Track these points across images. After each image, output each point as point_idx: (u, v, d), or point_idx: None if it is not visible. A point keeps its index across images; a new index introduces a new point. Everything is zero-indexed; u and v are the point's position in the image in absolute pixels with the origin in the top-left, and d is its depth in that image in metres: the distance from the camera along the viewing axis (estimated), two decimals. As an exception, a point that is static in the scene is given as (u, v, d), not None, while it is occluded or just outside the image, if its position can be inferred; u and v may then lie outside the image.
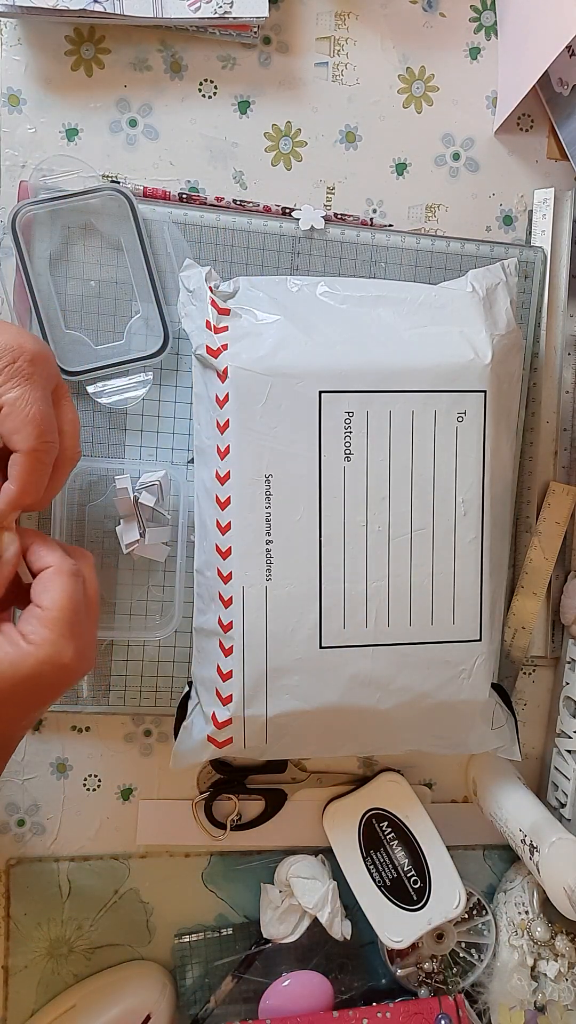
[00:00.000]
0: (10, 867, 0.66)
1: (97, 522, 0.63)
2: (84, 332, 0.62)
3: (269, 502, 0.57)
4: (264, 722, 0.58)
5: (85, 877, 0.66)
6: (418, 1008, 0.61)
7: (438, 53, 0.68)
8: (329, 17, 0.66)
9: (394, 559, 0.58)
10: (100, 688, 0.65)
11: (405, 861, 0.65)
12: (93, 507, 0.63)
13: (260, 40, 0.65)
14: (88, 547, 0.63)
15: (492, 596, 0.60)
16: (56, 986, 0.66)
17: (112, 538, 0.63)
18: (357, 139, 0.67)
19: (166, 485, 0.62)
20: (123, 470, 0.62)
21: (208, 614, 0.59)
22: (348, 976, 0.66)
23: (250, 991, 0.65)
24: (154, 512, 0.62)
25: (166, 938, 0.67)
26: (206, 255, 0.64)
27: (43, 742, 0.66)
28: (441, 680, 0.59)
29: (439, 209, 0.69)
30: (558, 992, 0.65)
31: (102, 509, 0.63)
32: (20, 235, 0.60)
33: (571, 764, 0.68)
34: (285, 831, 0.68)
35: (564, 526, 0.68)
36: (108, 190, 0.61)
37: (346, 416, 0.57)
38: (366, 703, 0.59)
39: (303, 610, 0.57)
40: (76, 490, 0.63)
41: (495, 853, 0.72)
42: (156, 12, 0.61)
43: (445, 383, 0.58)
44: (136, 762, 0.67)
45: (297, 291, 0.60)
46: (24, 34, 0.63)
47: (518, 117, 0.69)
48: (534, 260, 0.68)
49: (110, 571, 0.64)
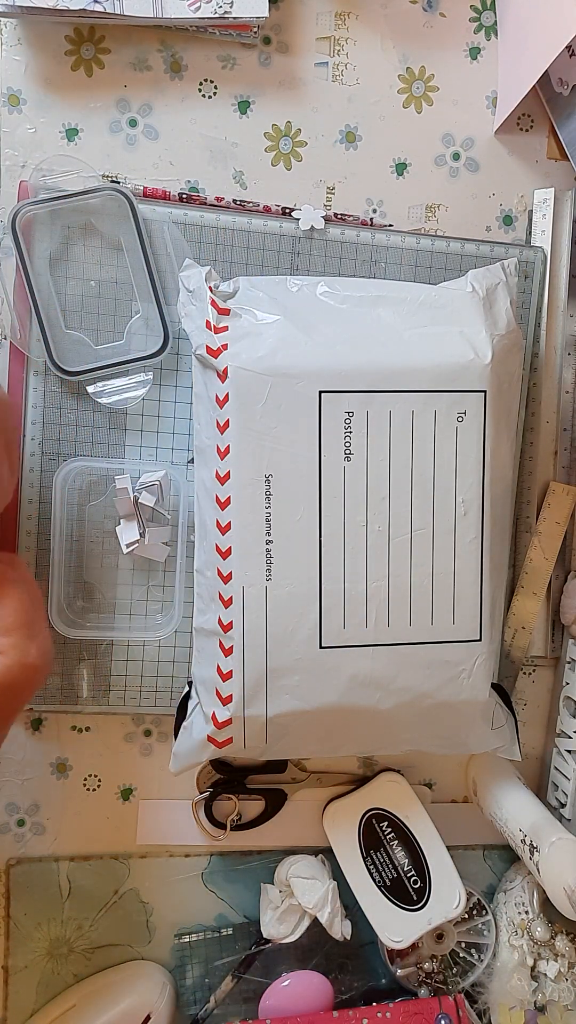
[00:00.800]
0: (10, 867, 0.66)
1: (97, 522, 0.63)
2: (84, 332, 0.62)
3: (269, 502, 0.57)
4: (264, 722, 0.58)
5: (85, 877, 0.66)
6: (418, 1008, 0.61)
7: (438, 53, 0.68)
8: (329, 17, 0.66)
9: (394, 559, 0.58)
10: (100, 688, 0.65)
11: (405, 861, 0.65)
12: (93, 507, 0.63)
13: (260, 40, 0.65)
14: (88, 547, 0.63)
15: (492, 596, 0.60)
16: (56, 986, 0.66)
17: (112, 538, 0.63)
18: (357, 139, 0.67)
19: (166, 485, 0.62)
20: (123, 470, 0.62)
21: (208, 614, 0.59)
22: (348, 976, 0.66)
23: (250, 991, 0.65)
24: (154, 512, 0.62)
25: (166, 938, 0.67)
26: (206, 255, 0.64)
27: (43, 742, 0.66)
28: (441, 680, 0.59)
29: (439, 209, 0.69)
30: (558, 992, 0.65)
31: (102, 509, 0.63)
32: (20, 235, 0.60)
33: (571, 764, 0.68)
34: (285, 831, 0.68)
35: (564, 526, 0.68)
36: (108, 190, 0.61)
37: (346, 416, 0.57)
38: (366, 703, 0.59)
39: (303, 610, 0.57)
40: (76, 490, 0.63)
41: (495, 853, 0.72)
42: (156, 12, 0.61)
43: (445, 383, 0.58)
44: (136, 762, 0.67)
45: (297, 291, 0.60)
46: (24, 34, 0.63)
47: (518, 117, 0.69)
48: (534, 260, 0.68)
49: (111, 571, 0.64)
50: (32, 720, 0.66)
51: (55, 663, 0.64)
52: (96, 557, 0.63)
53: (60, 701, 0.64)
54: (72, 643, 0.64)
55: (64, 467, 0.61)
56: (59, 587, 0.62)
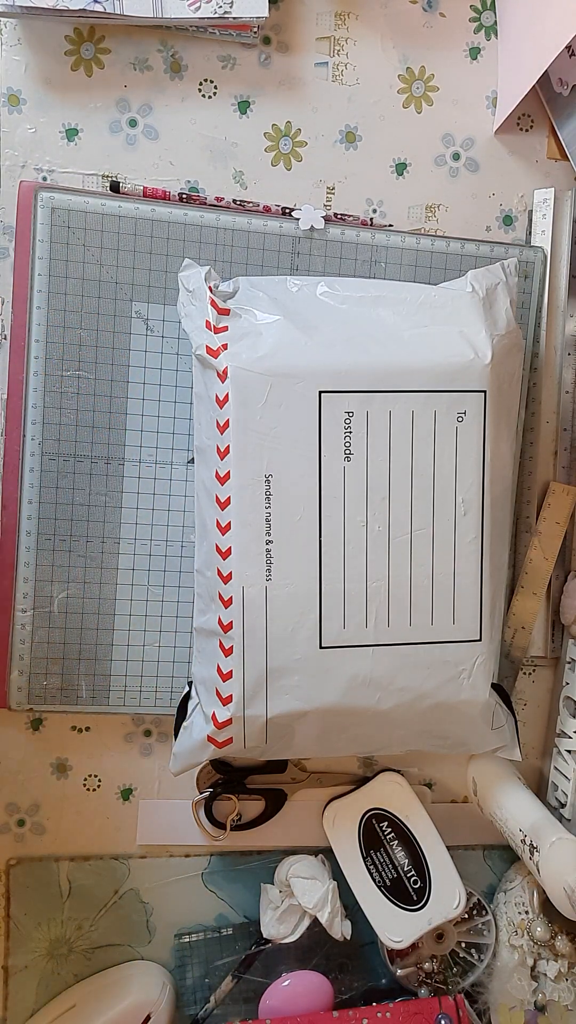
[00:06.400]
0: (10, 867, 0.66)
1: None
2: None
3: (269, 502, 0.57)
4: (264, 722, 0.58)
5: (85, 877, 0.66)
6: (418, 1008, 0.61)
7: (438, 53, 0.68)
8: (329, 17, 0.66)
9: (394, 559, 0.58)
10: (100, 688, 0.65)
11: (405, 861, 0.65)
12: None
13: (260, 40, 0.65)
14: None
15: (492, 596, 0.60)
16: (56, 986, 0.66)
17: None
18: (357, 139, 0.67)
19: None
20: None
21: (208, 614, 0.59)
22: (348, 976, 0.66)
23: (250, 991, 0.65)
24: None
25: (166, 938, 0.67)
26: (206, 255, 0.64)
27: (43, 742, 0.66)
28: (441, 680, 0.59)
29: (439, 209, 0.69)
30: (558, 992, 0.65)
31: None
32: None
33: (571, 764, 0.68)
34: (285, 831, 0.68)
35: (564, 526, 0.68)
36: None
37: (346, 416, 0.57)
38: (366, 703, 0.59)
39: (303, 610, 0.57)
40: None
41: (495, 853, 0.72)
42: (156, 12, 0.61)
43: (445, 383, 0.58)
44: (136, 762, 0.67)
45: (297, 291, 0.60)
46: (24, 34, 0.63)
47: (518, 117, 0.69)
48: (534, 260, 0.68)
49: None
50: (32, 720, 0.66)
51: (55, 663, 0.64)
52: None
53: (60, 701, 0.64)
54: (72, 643, 0.64)
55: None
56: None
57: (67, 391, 0.63)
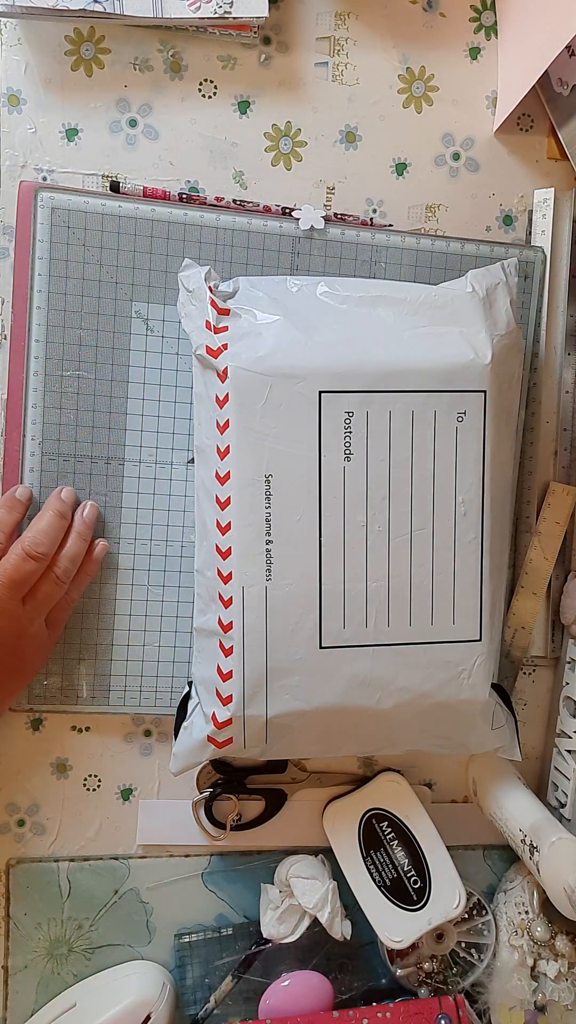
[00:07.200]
0: (10, 867, 0.66)
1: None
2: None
3: (269, 502, 0.57)
4: (264, 722, 0.58)
5: (85, 877, 0.66)
6: (418, 1008, 0.61)
7: (438, 53, 0.68)
8: (329, 17, 0.66)
9: (394, 559, 0.58)
10: (100, 688, 0.65)
11: (405, 861, 0.65)
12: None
13: (260, 40, 0.65)
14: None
15: (492, 596, 0.60)
16: (56, 986, 0.66)
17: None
18: (357, 139, 0.67)
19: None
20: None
21: (208, 614, 0.59)
22: (348, 976, 0.66)
23: (250, 991, 0.65)
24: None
25: (166, 938, 0.67)
26: (206, 255, 0.64)
27: (43, 742, 0.66)
28: (441, 680, 0.59)
29: (439, 209, 0.69)
30: (558, 992, 0.65)
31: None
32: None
33: (571, 764, 0.68)
34: (285, 831, 0.68)
35: (564, 526, 0.68)
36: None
37: (346, 416, 0.57)
38: (366, 703, 0.59)
39: (303, 610, 0.57)
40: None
41: (495, 853, 0.72)
42: (156, 12, 0.61)
43: (445, 383, 0.58)
44: (136, 762, 0.67)
45: (297, 291, 0.60)
46: (24, 34, 0.63)
47: (518, 117, 0.69)
48: (534, 260, 0.68)
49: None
50: (32, 720, 0.66)
51: (55, 663, 0.64)
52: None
53: (60, 701, 0.64)
54: (72, 643, 0.64)
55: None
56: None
57: (67, 391, 0.63)
